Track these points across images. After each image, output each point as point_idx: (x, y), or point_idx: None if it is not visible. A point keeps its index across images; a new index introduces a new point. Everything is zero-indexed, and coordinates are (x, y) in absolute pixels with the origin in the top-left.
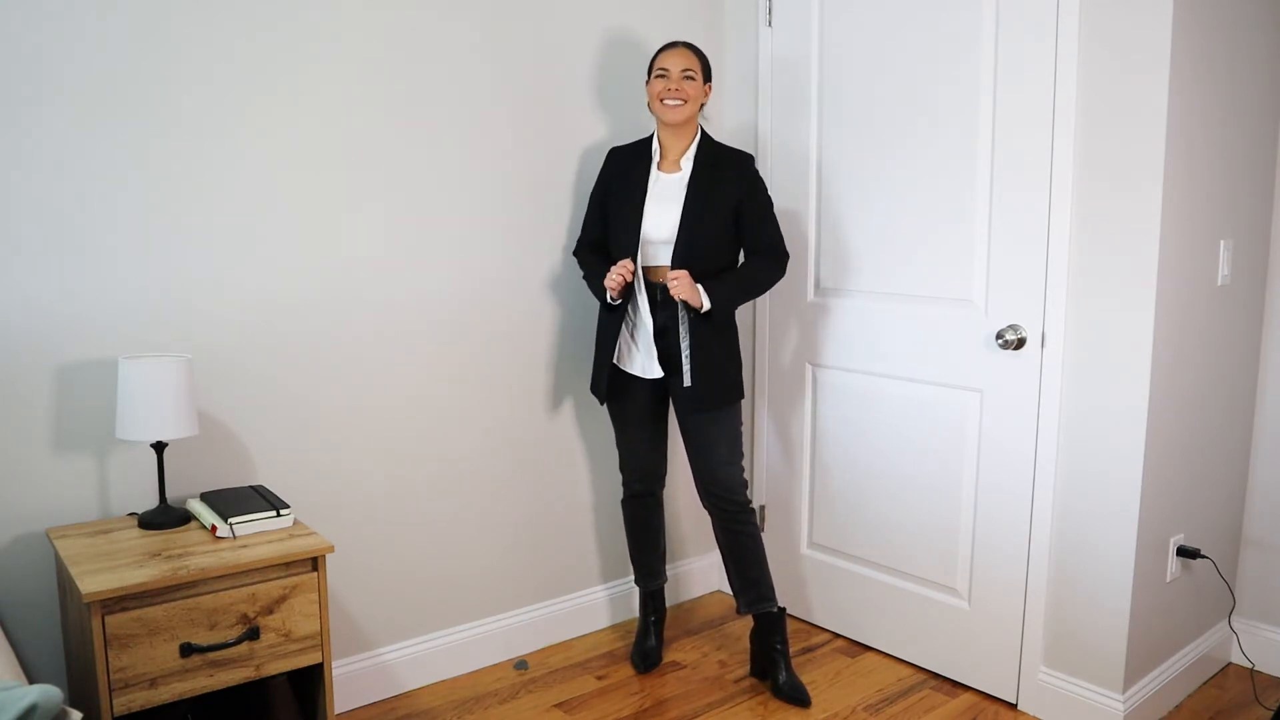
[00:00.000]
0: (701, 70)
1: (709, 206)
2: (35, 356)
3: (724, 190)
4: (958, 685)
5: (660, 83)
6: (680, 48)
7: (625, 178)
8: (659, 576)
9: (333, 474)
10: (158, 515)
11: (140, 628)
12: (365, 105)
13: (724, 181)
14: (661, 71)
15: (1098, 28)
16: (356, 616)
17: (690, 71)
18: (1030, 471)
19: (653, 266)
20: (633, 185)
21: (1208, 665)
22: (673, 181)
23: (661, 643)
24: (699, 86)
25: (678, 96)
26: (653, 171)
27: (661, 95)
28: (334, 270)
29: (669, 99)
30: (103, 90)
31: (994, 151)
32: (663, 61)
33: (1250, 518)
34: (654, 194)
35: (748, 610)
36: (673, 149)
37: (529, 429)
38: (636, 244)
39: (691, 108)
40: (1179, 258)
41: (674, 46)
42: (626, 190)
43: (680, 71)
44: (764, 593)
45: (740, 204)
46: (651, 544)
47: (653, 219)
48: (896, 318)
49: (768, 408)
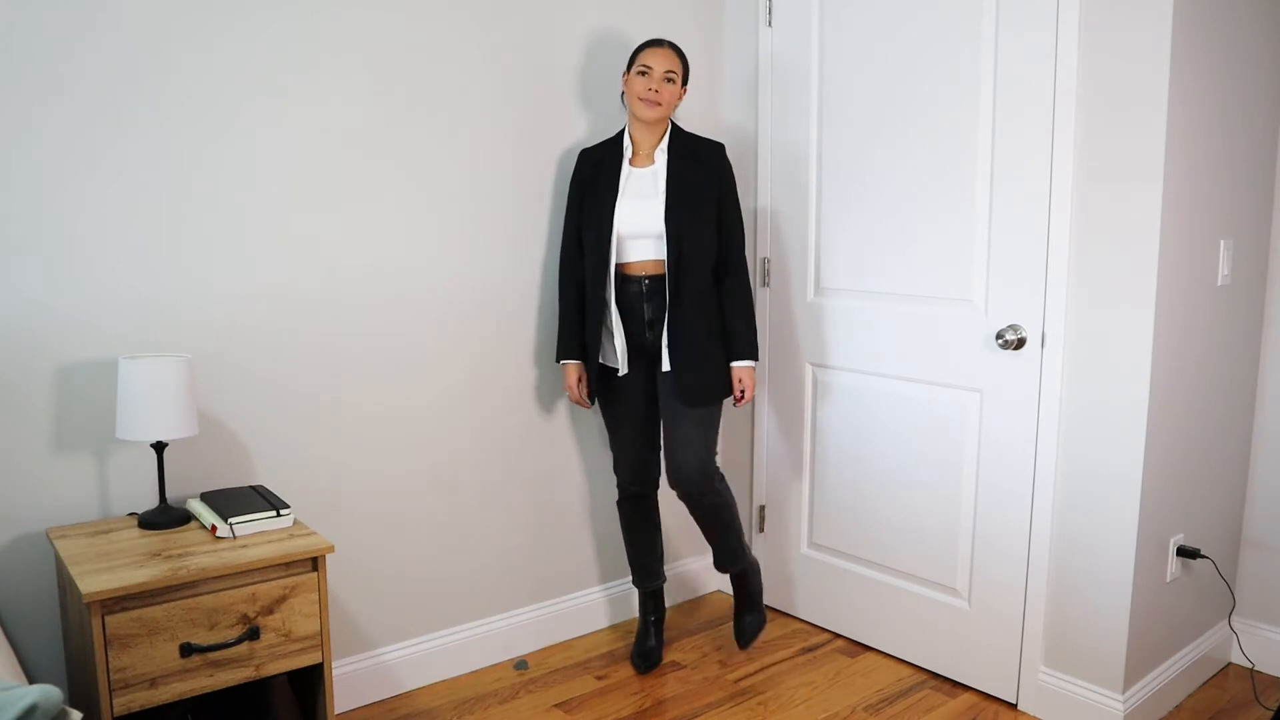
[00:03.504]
0: (682, 74)
1: (691, 197)
2: (35, 356)
3: (703, 181)
4: (958, 685)
5: (641, 81)
6: (665, 48)
7: (597, 176)
8: (657, 577)
9: (333, 474)
10: (158, 515)
11: (140, 628)
12: (362, 106)
13: (702, 172)
14: (644, 69)
15: (1098, 27)
16: (356, 616)
17: (672, 74)
18: (1030, 471)
19: (629, 262)
20: (606, 183)
21: (1208, 665)
22: (646, 175)
23: (661, 643)
24: (677, 90)
25: (656, 99)
26: (624, 167)
27: (641, 94)
28: (334, 270)
29: (648, 99)
30: (101, 90)
31: (994, 151)
32: (646, 58)
33: (1250, 518)
34: (627, 189)
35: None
36: (644, 143)
37: (529, 429)
38: (610, 241)
39: (666, 109)
40: (1179, 257)
41: (659, 45)
42: (600, 188)
43: (663, 73)
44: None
45: (721, 196)
46: (648, 544)
47: (627, 214)
48: (896, 318)
49: (768, 408)
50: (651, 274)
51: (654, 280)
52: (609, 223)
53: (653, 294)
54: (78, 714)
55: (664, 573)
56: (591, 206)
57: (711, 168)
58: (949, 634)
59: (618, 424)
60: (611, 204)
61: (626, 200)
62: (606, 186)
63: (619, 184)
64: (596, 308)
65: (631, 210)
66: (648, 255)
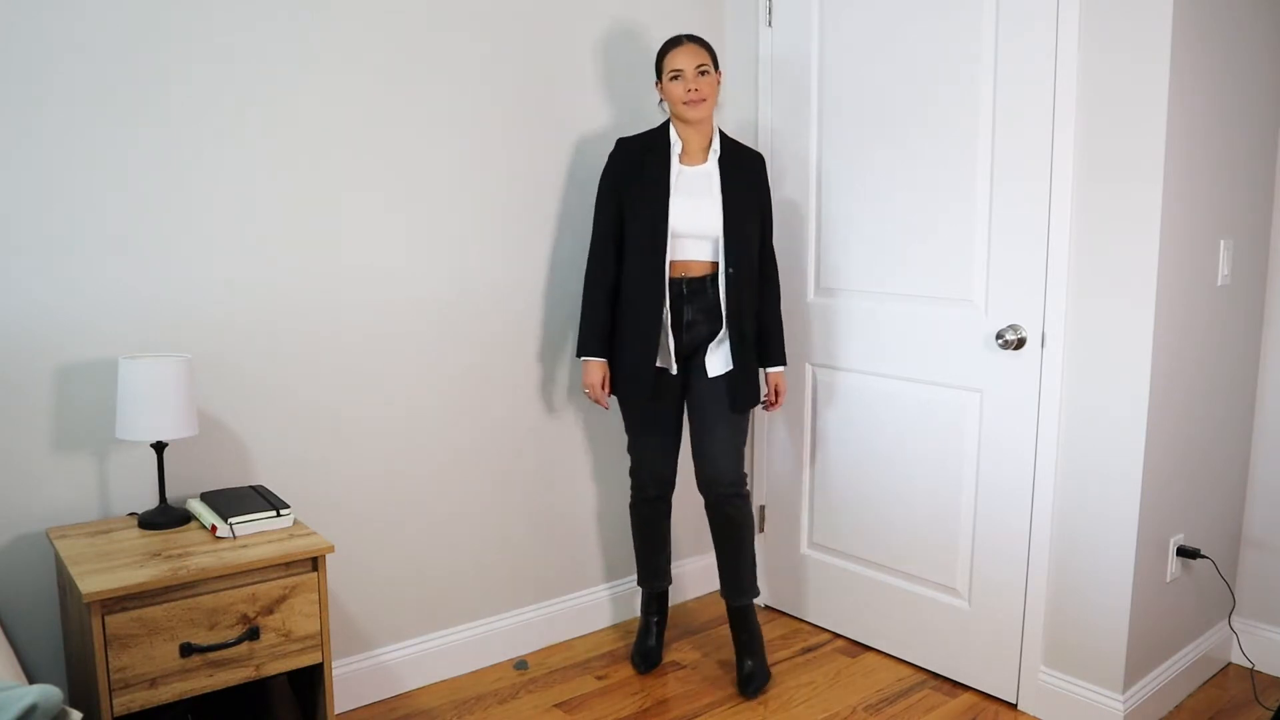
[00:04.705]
0: (713, 60)
1: (743, 202)
2: (35, 356)
3: (750, 188)
4: (958, 685)
5: (678, 85)
6: (687, 44)
7: (641, 170)
8: (665, 578)
9: (333, 474)
10: (158, 515)
11: (140, 628)
12: (365, 104)
13: (749, 179)
14: (675, 73)
15: (1098, 26)
16: (356, 616)
17: (704, 66)
18: (1030, 471)
19: (682, 261)
20: (652, 178)
21: (1208, 665)
22: (699, 175)
23: (662, 644)
24: (714, 78)
25: (698, 96)
26: (674, 164)
27: (682, 98)
28: (334, 270)
29: (691, 100)
30: (102, 90)
31: (994, 151)
32: (674, 61)
33: (1250, 518)
34: (679, 187)
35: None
36: (692, 141)
37: (529, 428)
38: (665, 238)
39: (711, 102)
40: (1179, 257)
41: (681, 44)
42: (645, 183)
43: (695, 69)
44: (744, 585)
45: (762, 205)
46: (660, 546)
47: (682, 213)
48: (896, 317)
49: None
50: (695, 275)
51: (695, 282)
52: (664, 219)
53: (694, 295)
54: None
55: (672, 575)
56: (639, 200)
57: (758, 176)
58: (949, 634)
59: (645, 428)
60: (664, 200)
61: (681, 198)
62: (654, 181)
63: (670, 180)
64: (640, 305)
65: (686, 209)
66: (699, 256)
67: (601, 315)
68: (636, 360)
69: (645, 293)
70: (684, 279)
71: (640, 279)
